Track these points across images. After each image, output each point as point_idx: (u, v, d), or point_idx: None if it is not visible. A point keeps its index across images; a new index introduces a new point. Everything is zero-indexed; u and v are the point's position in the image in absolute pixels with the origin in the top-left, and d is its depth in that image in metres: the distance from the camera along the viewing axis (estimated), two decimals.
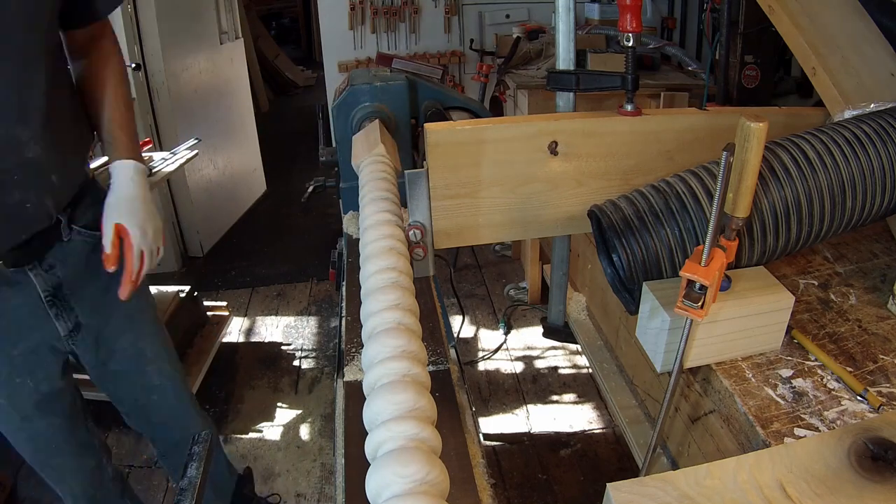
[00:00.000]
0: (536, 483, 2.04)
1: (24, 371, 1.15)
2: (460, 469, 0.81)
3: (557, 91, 1.21)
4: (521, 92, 2.74)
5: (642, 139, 1.01)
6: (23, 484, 2.07)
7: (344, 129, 1.42)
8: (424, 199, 0.98)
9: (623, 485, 0.58)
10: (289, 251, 3.51)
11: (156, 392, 1.38)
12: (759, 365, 0.86)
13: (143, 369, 1.33)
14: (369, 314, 0.70)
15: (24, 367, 1.14)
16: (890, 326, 0.92)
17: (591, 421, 2.27)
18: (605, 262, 0.96)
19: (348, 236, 1.41)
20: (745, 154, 0.74)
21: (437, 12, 3.65)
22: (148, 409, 1.40)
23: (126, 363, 1.30)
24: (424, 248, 0.97)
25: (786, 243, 0.91)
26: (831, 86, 1.07)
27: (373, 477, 0.50)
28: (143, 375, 1.34)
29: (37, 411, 1.19)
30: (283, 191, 4.22)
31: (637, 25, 0.97)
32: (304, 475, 2.07)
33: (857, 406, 0.78)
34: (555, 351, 2.62)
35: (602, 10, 2.94)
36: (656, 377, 1.10)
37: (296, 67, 6.73)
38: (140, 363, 1.32)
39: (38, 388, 1.18)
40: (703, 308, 0.76)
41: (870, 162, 0.89)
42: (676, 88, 2.57)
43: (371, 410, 0.58)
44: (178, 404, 1.44)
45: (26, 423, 1.19)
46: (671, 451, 1.04)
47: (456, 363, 1.09)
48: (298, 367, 2.60)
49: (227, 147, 3.64)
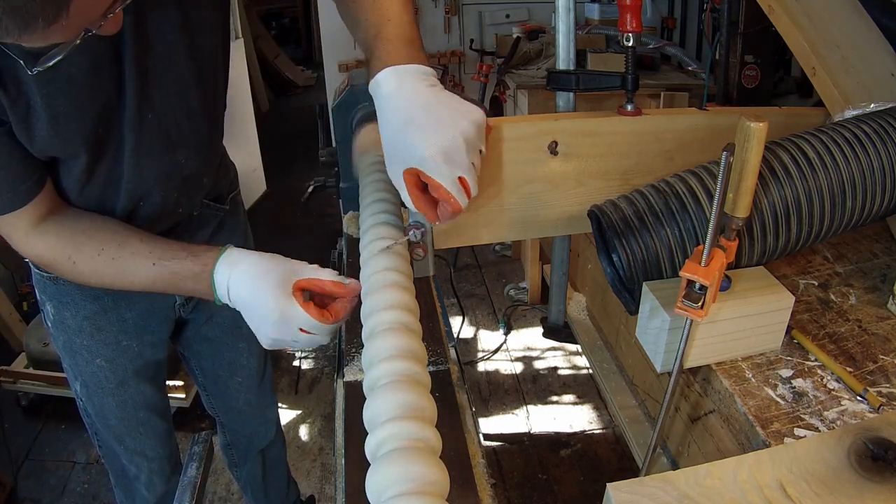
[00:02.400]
0: (536, 483, 2.04)
1: (133, 334, 1.14)
2: (460, 469, 0.81)
3: (557, 91, 1.21)
4: (521, 92, 2.74)
5: (642, 139, 1.01)
6: (23, 484, 2.07)
7: (344, 129, 1.42)
8: None
9: (623, 485, 0.58)
10: (289, 251, 3.48)
11: (240, 373, 1.37)
12: (759, 365, 0.86)
13: (236, 345, 1.33)
14: (369, 314, 0.70)
15: (133, 330, 1.14)
16: (890, 326, 0.92)
17: (591, 421, 2.27)
18: (605, 262, 0.96)
19: (348, 236, 1.41)
20: (745, 154, 0.74)
21: (437, 12, 3.65)
22: (228, 389, 1.39)
23: (221, 330, 1.29)
24: (424, 248, 0.97)
25: (786, 243, 0.91)
26: (831, 86, 1.07)
27: (373, 477, 0.50)
28: (234, 350, 1.33)
29: (133, 377, 1.18)
30: (283, 191, 4.22)
31: (637, 25, 0.97)
32: (304, 475, 2.07)
33: (857, 406, 0.78)
34: (555, 351, 2.62)
35: (602, 10, 2.94)
36: (656, 377, 1.10)
37: (296, 67, 6.72)
38: (234, 335, 1.31)
39: (142, 353, 1.17)
40: (703, 308, 0.76)
41: (870, 162, 0.89)
42: (676, 88, 2.57)
43: (371, 410, 0.58)
44: (258, 398, 1.44)
45: (120, 389, 1.18)
46: (671, 451, 1.04)
47: (456, 363, 1.09)
48: (298, 367, 2.60)
49: (227, 147, 3.62)
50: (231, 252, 0.87)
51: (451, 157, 0.72)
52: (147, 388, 1.22)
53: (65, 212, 0.90)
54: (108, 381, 1.16)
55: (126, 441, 1.25)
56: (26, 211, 0.84)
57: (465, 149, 0.72)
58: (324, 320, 0.81)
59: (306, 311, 0.80)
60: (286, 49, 6.98)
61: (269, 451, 1.56)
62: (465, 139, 0.72)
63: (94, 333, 1.11)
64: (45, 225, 0.87)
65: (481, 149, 0.76)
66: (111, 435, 1.24)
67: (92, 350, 1.12)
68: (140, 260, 0.88)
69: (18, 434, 2.25)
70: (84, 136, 0.83)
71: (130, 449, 1.26)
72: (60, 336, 1.12)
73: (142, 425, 1.24)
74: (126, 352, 1.15)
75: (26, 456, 2.18)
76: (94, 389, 1.17)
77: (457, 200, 0.74)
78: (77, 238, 0.88)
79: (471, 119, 0.73)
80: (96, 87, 0.81)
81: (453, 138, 0.71)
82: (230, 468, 1.61)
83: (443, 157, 0.71)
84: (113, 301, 1.10)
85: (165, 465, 1.33)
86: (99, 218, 0.92)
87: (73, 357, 1.14)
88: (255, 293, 0.83)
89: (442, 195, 0.73)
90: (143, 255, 0.88)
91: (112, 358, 1.14)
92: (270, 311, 0.81)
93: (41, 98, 0.76)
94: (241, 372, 1.37)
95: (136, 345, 1.16)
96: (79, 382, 1.17)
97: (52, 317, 1.11)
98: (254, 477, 1.58)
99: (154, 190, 0.96)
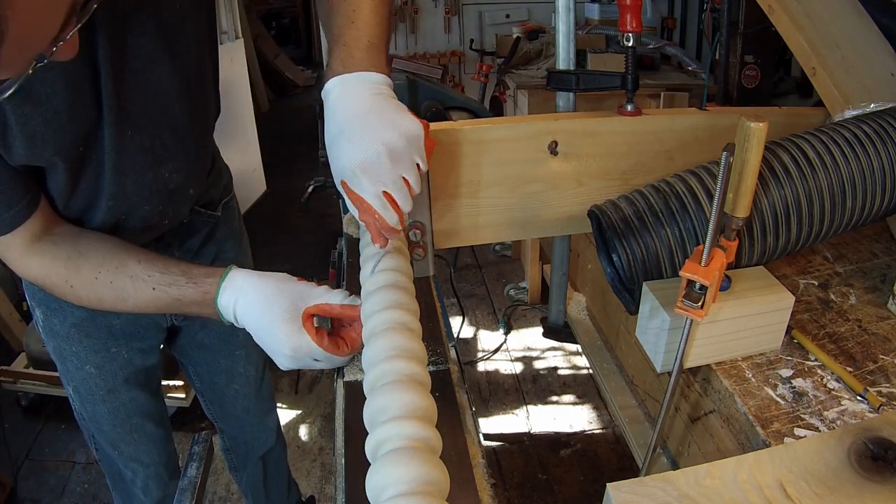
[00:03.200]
0: (536, 483, 2.04)
1: (122, 341, 1.12)
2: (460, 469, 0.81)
3: (557, 91, 1.21)
4: (521, 92, 2.74)
5: (642, 139, 1.01)
6: (23, 484, 2.07)
7: None
8: (424, 199, 0.98)
9: (623, 485, 0.58)
10: (289, 251, 3.51)
11: (237, 381, 1.36)
12: (759, 365, 0.86)
13: (232, 352, 1.31)
14: (369, 314, 0.70)
15: (122, 336, 1.12)
16: (890, 326, 0.92)
17: (591, 421, 2.28)
18: (605, 262, 0.96)
19: (348, 236, 1.41)
20: (745, 154, 0.74)
21: (437, 12, 3.65)
22: (225, 397, 1.38)
23: (216, 337, 1.28)
24: (424, 248, 0.97)
25: (786, 243, 0.91)
26: (831, 86, 1.07)
27: (373, 477, 0.50)
28: (231, 357, 1.32)
29: (124, 384, 1.16)
30: (283, 191, 4.22)
31: (637, 25, 0.97)
32: (304, 475, 2.07)
33: (857, 406, 0.78)
34: (555, 351, 2.62)
35: (602, 10, 2.94)
36: (656, 377, 1.10)
37: (296, 67, 6.72)
38: (231, 342, 1.30)
39: (132, 360, 1.15)
40: (703, 308, 0.76)
41: (870, 162, 0.89)
42: (676, 88, 2.57)
43: (371, 410, 0.58)
44: (256, 405, 1.43)
45: (111, 396, 1.16)
46: (671, 451, 1.04)
47: (456, 363, 1.09)
48: None
49: (227, 147, 3.60)
50: (233, 277, 0.84)
51: (372, 171, 0.69)
52: (139, 394, 1.20)
53: (60, 231, 0.88)
54: (98, 388, 1.15)
55: (120, 447, 1.24)
56: (20, 232, 0.82)
57: (390, 162, 0.69)
58: (339, 353, 0.80)
59: (319, 346, 0.79)
60: (286, 49, 6.99)
61: (270, 456, 1.55)
62: (389, 152, 0.69)
63: (83, 340, 1.10)
64: (39, 245, 0.85)
65: (418, 162, 0.73)
66: (106, 440, 1.23)
67: (81, 356, 1.11)
68: (139, 284, 0.85)
69: (18, 434, 2.25)
70: (63, 154, 0.81)
71: (125, 455, 1.25)
72: (51, 342, 1.11)
73: (135, 431, 1.23)
74: (115, 359, 1.13)
75: (26, 456, 2.18)
76: (86, 396, 1.16)
77: (381, 216, 0.71)
78: (73, 260, 0.86)
79: (400, 132, 0.70)
80: (75, 106, 0.77)
81: (376, 152, 0.68)
82: (231, 471, 1.61)
83: (362, 171, 0.69)
84: None
85: (162, 471, 1.32)
86: (94, 236, 0.89)
87: (63, 363, 1.13)
88: (264, 325, 0.80)
89: (365, 209, 0.71)
90: (142, 280, 0.85)
91: (101, 365, 1.12)
92: (282, 344, 0.79)
93: (16, 118, 0.74)
94: (238, 379, 1.36)
95: (126, 352, 1.14)
96: (71, 388, 1.16)
97: (42, 322, 1.10)
98: (254, 481, 1.57)
99: (138, 205, 0.94)
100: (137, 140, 0.86)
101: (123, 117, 0.82)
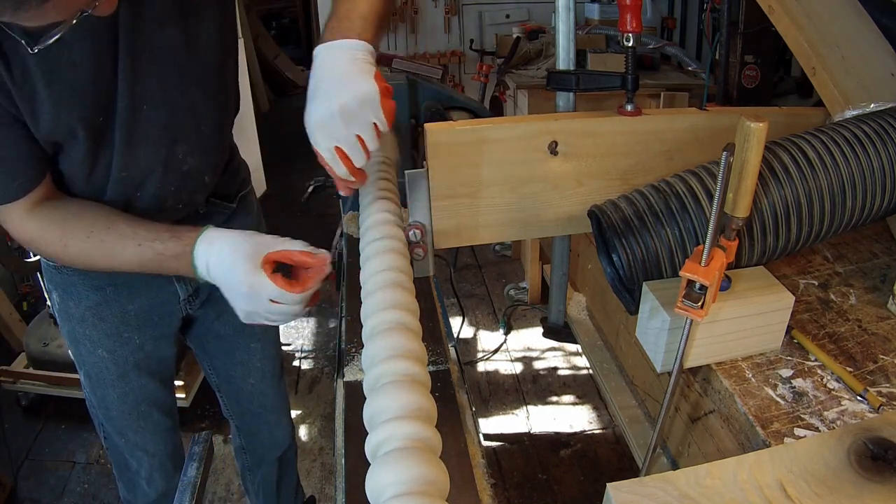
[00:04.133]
0: (536, 483, 2.04)
1: (134, 327, 1.15)
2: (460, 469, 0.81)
3: (557, 91, 1.21)
4: (521, 92, 2.74)
5: (642, 139, 1.01)
6: (23, 484, 2.07)
7: None
8: (424, 199, 0.98)
9: (623, 485, 0.58)
10: None
11: (254, 375, 1.37)
12: (759, 365, 0.86)
13: (248, 344, 1.33)
14: (369, 314, 0.70)
15: (135, 322, 1.15)
16: (890, 326, 0.92)
17: (591, 421, 2.28)
18: (605, 262, 0.96)
19: (348, 236, 1.41)
20: (745, 154, 0.74)
21: (437, 12, 3.65)
22: (242, 392, 1.39)
23: (232, 328, 1.29)
24: (424, 248, 0.97)
25: (786, 243, 0.91)
26: (831, 86, 1.07)
27: (373, 477, 0.50)
28: (247, 351, 1.34)
29: (134, 370, 1.18)
30: (283, 191, 4.22)
31: (637, 25, 0.97)
32: (304, 475, 2.07)
33: (857, 406, 0.78)
34: (554, 351, 2.62)
35: (602, 10, 2.94)
36: (656, 377, 1.10)
37: (296, 67, 6.71)
38: (247, 334, 1.31)
39: (143, 346, 1.17)
40: (703, 308, 0.76)
41: (870, 162, 0.89)
42: (676, 88, 2.57)
43: (371, 410, 0.58)
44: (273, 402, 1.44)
45: (120, 381, 1.18)
46: (671, 451, 1.04)
47: (456, 363, 1.09)
48: (298, 367, 2.60)
49: None
50: (210, 231, 0.90)
51: (325, 129, 0.78)
52: (149, 382, 1.22)
53: (57, 197, 0.94)
54: (108, 373, 1.17)
55: (127, 434, 1.25)
56: (23, 200, 0.88)
57: (342, 121, 0.76)
58: (291, 290, 0.84)
59: (273, 282, 0.83)
60: (286, 49, 6.98)
61: (285, 457, 1.56)
62: (342, 112, 0.76)
63: (97, 324, 1.12)
64: (38, 210, 0.90)
65: (375, 122, 0.79)
66: (113, 427, 1.24)
67: (94, 340, 1.13)
68: (126, 241, 0.91)
69: (18, 434, 2.25)
70: (85, 122, 0.86)
71: (131, 443, 1.26)
72: (65, 325, 1.14)
73: (143, 419, 1.24)
74: (127, 344, 1.15)
75: (26, 456, 2.18)
76: (97, 380, 1.18)
77: (331, 167, 0.81)
78: (67, 222, 0.92)
79: (354, 94, 0.76)
80: (96, 75, 0.84)
81: (329, 112, 0.76)
82: (242, 472, 1.60)
83: (317, 128, 0.78)
84: (115, 292, 1.11)
85: (167, 462, 1.32)
86: (88, 203, 0.95)
87: (76, 346, 1.16)
88: (227, 267, 0.86)
89: (321, 162, 0.81)
90: (129, 237, 0.91)
91: (113, 349, 1.15)
92: (240, 283, 0.84)
93: (44, 85, 0.80)
94: (254, 374, 1.37)
95: (138, 337, 1.16)
96: (83, 372, 1.19)
97: (58, 306, 1.13)
98: (268, 482, 1.57)
99: (148, 180, 0.98)
100: (154, 116, 0.92)
101: (138, 90, 0.89)
